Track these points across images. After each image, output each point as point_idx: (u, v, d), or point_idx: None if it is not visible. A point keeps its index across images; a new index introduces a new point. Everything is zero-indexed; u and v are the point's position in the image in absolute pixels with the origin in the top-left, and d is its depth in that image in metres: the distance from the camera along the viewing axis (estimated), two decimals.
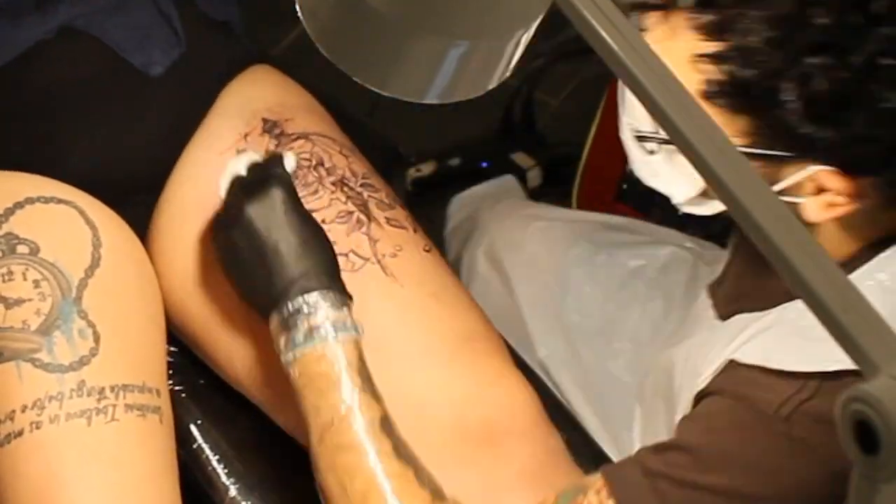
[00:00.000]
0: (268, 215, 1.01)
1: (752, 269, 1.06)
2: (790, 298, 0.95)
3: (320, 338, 0.98)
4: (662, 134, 0.94)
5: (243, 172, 1.06)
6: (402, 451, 0.97)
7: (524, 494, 1.04)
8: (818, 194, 0.92)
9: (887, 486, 0.49)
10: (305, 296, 0.99)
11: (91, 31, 1.15)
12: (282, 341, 0.99)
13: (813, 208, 0.92)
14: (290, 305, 0.99)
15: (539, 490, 1.04)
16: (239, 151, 1.14)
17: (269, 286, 1.00)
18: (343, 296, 1.01)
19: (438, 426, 1.05)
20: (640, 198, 1.87)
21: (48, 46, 1.13)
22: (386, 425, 0.97)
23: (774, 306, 0.99)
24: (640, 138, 0.97)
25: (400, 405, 1.04)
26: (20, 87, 1.14)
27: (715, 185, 0.56)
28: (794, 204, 0.93)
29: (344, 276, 1.05)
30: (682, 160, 0.65)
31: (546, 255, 1.42)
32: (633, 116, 0.98)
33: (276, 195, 1.02)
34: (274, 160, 1.06)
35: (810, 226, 0.94)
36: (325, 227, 1.08)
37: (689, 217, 1.24)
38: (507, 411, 1.07)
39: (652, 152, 0.97)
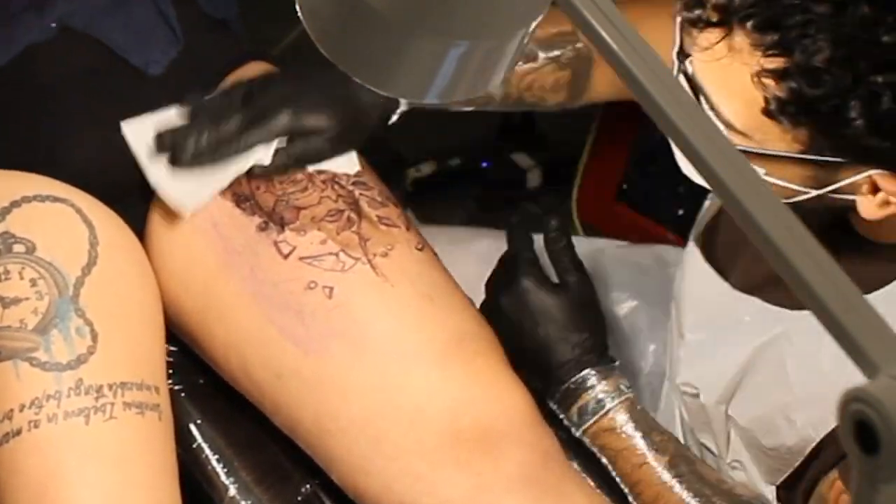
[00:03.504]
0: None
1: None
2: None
3: (602, 410, 1.09)
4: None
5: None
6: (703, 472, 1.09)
7: (518, 497, 1.04)
8: (874, 193, 0.92)
9: (887, 486, 0.49)
10: (584, 372, 1.10)
11: (89, 30, 1.14)
12: (567, 415, 1.12)
13: (868, 207, 0.93)
14: (569, 383, 1.10)
15: (533, 493, 1.04)
16: None
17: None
18: (611, 363, 1.12)
19: (432, 428, 1.04)
20: (639, 198, 1.87)
21: (46, 45, 1.13)
22: (678, 460, 1.09)
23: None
24: None
25: (393, 407, 1.04)
26: (19, 87, 1.14)
27: (714, 185, 0.56)
28: (849, 201, 0.93)
29: (334, 276, 1.06)
30: None
31: None
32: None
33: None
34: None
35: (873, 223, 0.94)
36: (314, 225, 1.08)
37: (689, 216, 1.23)
38: (501, 413, 1.07)
39: None
